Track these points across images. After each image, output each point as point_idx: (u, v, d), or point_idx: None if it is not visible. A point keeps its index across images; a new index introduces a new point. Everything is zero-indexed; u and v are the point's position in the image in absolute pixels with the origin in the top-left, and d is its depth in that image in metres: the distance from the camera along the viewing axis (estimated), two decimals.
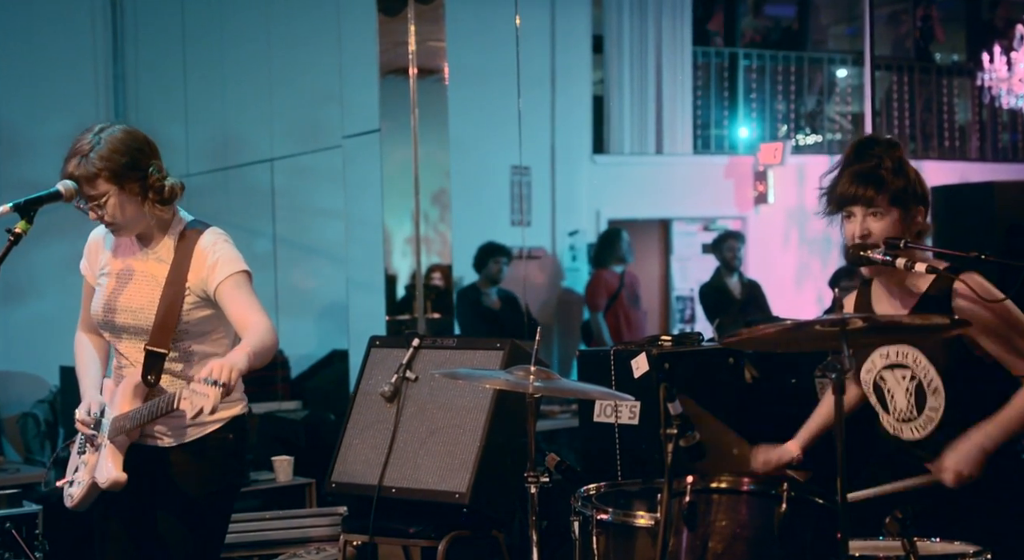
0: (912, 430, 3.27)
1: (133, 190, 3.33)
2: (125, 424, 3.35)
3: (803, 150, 12.15)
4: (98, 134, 3.32)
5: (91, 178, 3.28)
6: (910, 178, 3.25)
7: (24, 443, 7.53)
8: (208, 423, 3.42)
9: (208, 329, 3.43)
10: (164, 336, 3.36)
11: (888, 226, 3.21)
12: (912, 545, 2.79)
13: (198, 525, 3.43)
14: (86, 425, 3.45)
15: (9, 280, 7.87)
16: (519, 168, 9.72)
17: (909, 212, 3.24)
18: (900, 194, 3.22)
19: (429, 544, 4.33)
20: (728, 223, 11.28)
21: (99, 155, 3.28)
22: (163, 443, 3.45)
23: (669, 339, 4.34)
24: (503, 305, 8.62)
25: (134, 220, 3.38)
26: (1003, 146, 13.40)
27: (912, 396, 3.24)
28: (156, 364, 3.38)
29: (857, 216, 3.23)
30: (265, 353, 3.27)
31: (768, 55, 12.18)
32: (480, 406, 4.37)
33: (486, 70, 8.79)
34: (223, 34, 8.90)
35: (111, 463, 3.33)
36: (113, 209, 3.32)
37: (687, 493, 2.93)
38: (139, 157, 3.34)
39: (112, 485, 3.32)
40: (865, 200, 3.21)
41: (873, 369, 3.32)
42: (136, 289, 3.43)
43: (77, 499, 3.44)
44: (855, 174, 3.25)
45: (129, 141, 3.34)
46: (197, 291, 3.38)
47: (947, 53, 13.93)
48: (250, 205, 8.50)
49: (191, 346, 3.41)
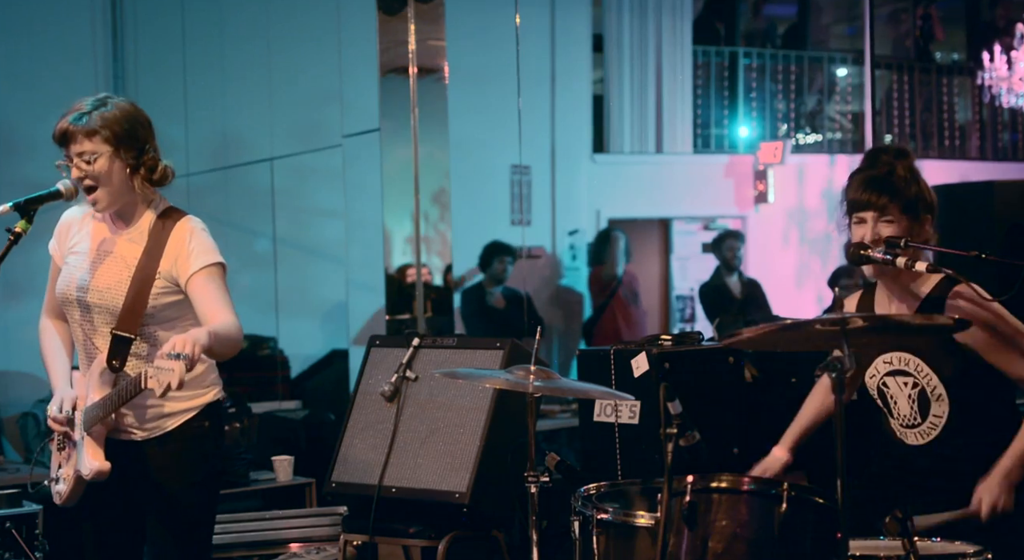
0: (916, 436, 3.28)
1: (128, 158, 3.29)
2: (98, 413, 3.30)
3: (803, 149, 12.15)
4: (103, 99, 3.30)
5: (89, 133, 3.24)
6: (922, 187, 3.28)
7: (24, 443, 7.53)
8: (180, 412, 3.38)
9: (175, 315, 3.36)
10: (132, 321, 3.30)
11: (898, 233, 3.22)
12: (912, 545, 2.79)
13: (183, 517, 3.39)
14: (59, 423, 3.41)
15: (9, 280, 7.86)
16: (519, 167, 9.72)
17: (918, 221, 3.25)
18: (912, 202, 3.24)
19: (429, 544, 4.33)
20: (728, 222, 11.28)
21: (102, 115, 3.26)
22: (137, 437, 3.39)
23: (669, 338, 4.34)
24: (508, 304, 8.62)
25: (118, 189, 3.31)
26: (1003, 145, 13.40)
27: (915, 403, 3.25)
28: (122, 349, 3.31)
29: (868, 222, 3.24)
30: (228, 341, 3.20)
31: (768, 54, 12.18)
32: (480, 406, 4.37)
33: (486, 70, 8.79)
34: (223, 34, 8.90)
35: (91, 454, 3.29)
36: (101, 167, 3.26)
37: (687, 493, 2.93)
38: (140, 131, 3.32)
39: (96, 475, 3.27)
40: (878, 207, 3.22)
41: (876, 375, 3.33)
42: (107, 269, 3.36)
43: (65, 495, 3.41)
44: (867, 180, 3.26)
45: (135, 113, 3.33)
46: (167, 277, 3.32)
47: (947, 52, 13.92)
48: (250, 205, 8.50)
49: (156, 331, 3.34)
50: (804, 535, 2.88)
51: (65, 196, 3.29)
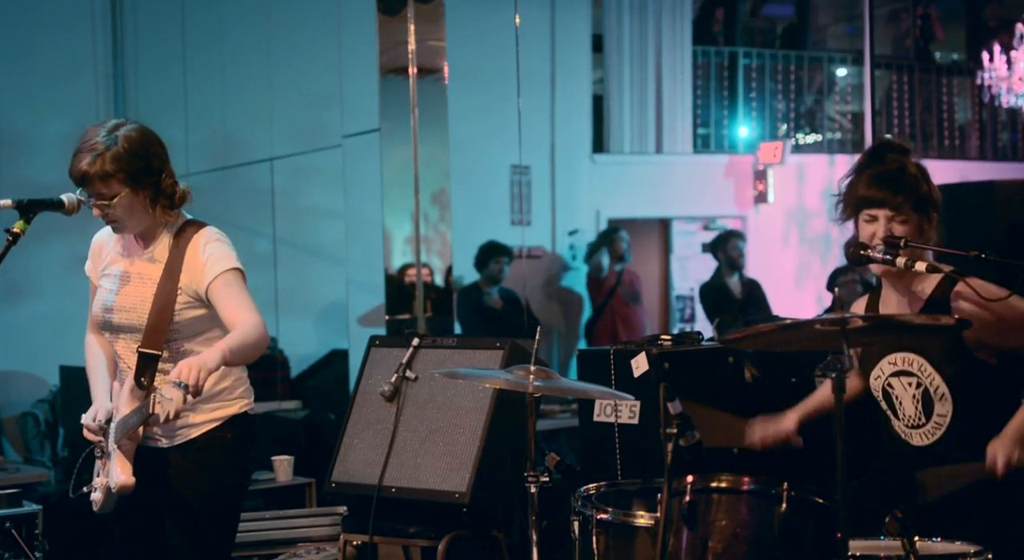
0: (921, 436, 3.27)
1: (146, 194, 3.30)
2: (125, 429, 3.35)
3: (803, 149, 12.15)
4: (112, 132, 3.26)
5: (106, 177, 3.24)
6: (930, 185, 3.24)
7: (24, 443, 7.54)
8: (204, 423, 3.41)
9: (201, 329, 3.39)
10: (157, 337, 3.33)
11: (911, 231, 3.18)
12: (912, 545, 2.79)
13: (199, 527, 3.41)
14: (91, 432, 3.45)
15: (9, 280, 7.87)
16: (519, 167, 9.72)
17: (929, 219, 3.22)
18: (924, 200, 3.20)
19: (429, 544, 4.32)
20: (728, 222, 11.28)
21: (115, 155, 3.23)
22: (162, 444, 3.44)
23: (669, 338, 4.33)
24: (505, 304, 8.62)
25: (140, 220, 3.35)
26: (1003, 145, 13.40)
27: (919, 403, 3.24)
28: (149, 366, 3.34)
29: (880, 220, 3.20)
30: (248, 349, 3.22)
31: (768, 54, 12.18)
32: (480, 406, 4.37)
33: (486, 70, 8.79)
34: (223, 34, 8.90)
35: (119, 468, 3.33)
36: (122, 210, 3.29)
37: (687, 493, 2.93)
38: (154, 160, 3.32)
39: (120, 489, 3.31)
40: (893, 204, 3.18)
41: (881, 376, 3.32)
42: (132, 289, 3.41)
43: (99, 504, 3.45)
44: (878, 176, 3.21)
45: (145, 143, 3.30)
46: (189, 292, 3.34)
47: (947, 52, 13.92)
48: (250, 205, 8.50)
49: (183, 346, 3.37)
50: (804, 535, 2.88)
51: (67, 209, 3.30)
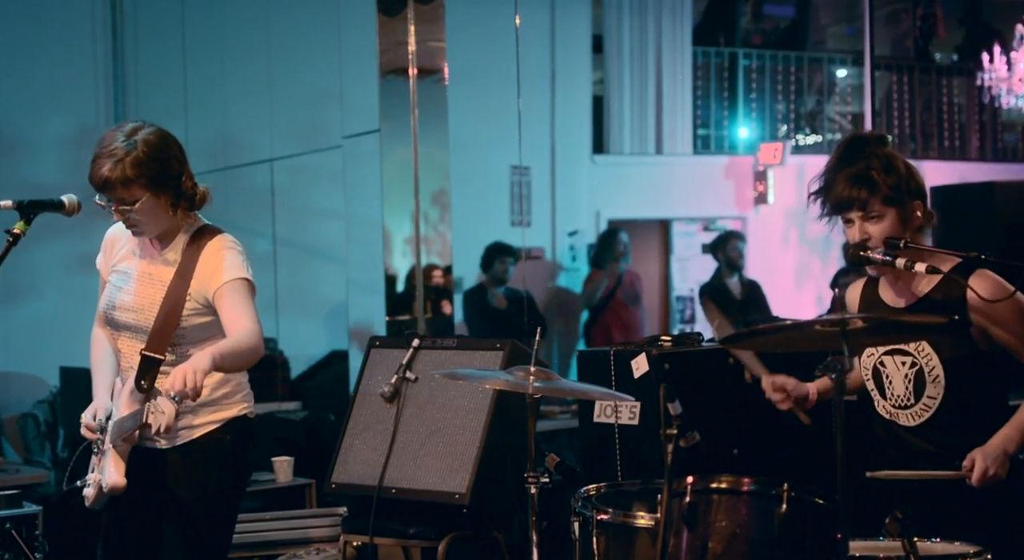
0: (908, 417, 3.25)
1: (167, 197, 3.31)
2: (121, 431, 3.34)
3: (803, 150, 12.15)
4: (131, 137, 3.26)
5: (127, 183, 3.24)
6: (901, 174, 3.21)
7: (24, 443, 7.54)
8: (203, 425, 3.41)
9: (206, 335, 3.38)
10: (161, 341, 3.33)
11: (886, 227, 3.19)
12: (912, 545, 2.79)
13: (194, 529, 3.41)
14: (90, 430, 3.44)
15: (9, 280, 7.87)
16: (519, 168, 9.72)
17: (906, 209, 3.21)
18: (893, 193, 3.19)
19: (429, 544, 4.33)
20: (728, 223, 11.28)
21: (135, 159, 3.23)
22: (160, 445, 3.43)
23: (669, 339, 4.34)
24: (510, 305, 8.62)
25: (160, 223, 3.36)
26: (1003, 146, 13.40)
27: (911, 383, 3.23)
28: (150, 369, 3.33)
29: (855, 221, 3.22)
30: (240, 356, 3.22)
31: (768, 55, 12.18)
32: (480, 406, 4.37)
33: (486, 70, 8.80)
34: (223, 34, 8.90)
35: (113, 468, 3.33)
36: (144, 214, 3.29)
37: (687, 493, 2.93)
38: (173, 163, 3.32)
39: (111, 490, 3.31)
40: (860, 203, 3.19)
41: (875, 354, 3.30)
42: (141, 290, 3.40)
43: (91, 500, 3.44)
44: (846, 178, 3.23)
45: (164, 146, 3.30)
46: (198, 298, 3.34)
47: (947, 53, 13.92)
48: (250, 205, 8.50)
49: (188, 351, 3.36)
50: (804, 535, 2.88)
51: (67, 210, 3.30)
